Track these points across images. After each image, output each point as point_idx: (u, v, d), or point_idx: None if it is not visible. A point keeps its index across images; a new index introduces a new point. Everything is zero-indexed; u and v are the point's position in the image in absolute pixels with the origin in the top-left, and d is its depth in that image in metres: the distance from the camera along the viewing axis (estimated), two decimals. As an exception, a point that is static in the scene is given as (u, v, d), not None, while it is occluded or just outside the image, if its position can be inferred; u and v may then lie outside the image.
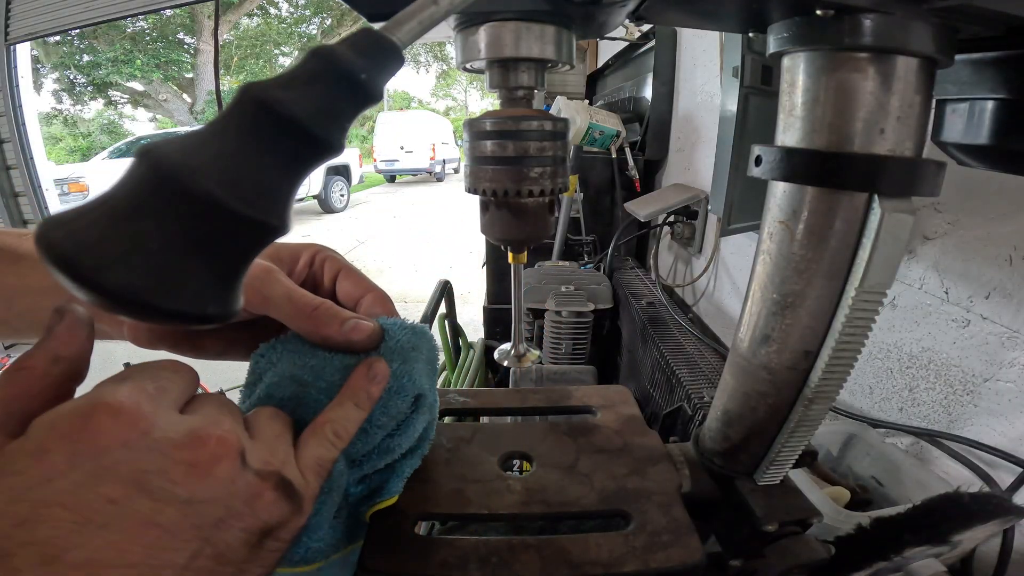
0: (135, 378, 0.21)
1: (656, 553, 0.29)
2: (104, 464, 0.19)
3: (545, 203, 0.32)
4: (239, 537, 0.21)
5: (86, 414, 0.19)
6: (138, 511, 0.19)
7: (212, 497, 0.20)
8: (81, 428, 0.19)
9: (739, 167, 0.85)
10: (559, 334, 1.13)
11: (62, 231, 0.15)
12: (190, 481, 0.20)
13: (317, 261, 0.33)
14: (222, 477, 0.21)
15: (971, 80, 0.30)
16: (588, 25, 0.30)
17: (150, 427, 0.20)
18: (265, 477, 0.22)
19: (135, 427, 0.19)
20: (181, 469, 0.20)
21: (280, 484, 0.22)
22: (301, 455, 0.25)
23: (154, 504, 0.19)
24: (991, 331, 0.56)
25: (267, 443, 0.23)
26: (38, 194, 3.51)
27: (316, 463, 0.25)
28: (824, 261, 0.26)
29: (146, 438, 0.19)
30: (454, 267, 4.46)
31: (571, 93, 2.58)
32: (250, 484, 0.21)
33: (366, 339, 0.29)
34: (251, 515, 0.21)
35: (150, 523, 0.19)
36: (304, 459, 0.25)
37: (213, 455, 0.21)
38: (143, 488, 0.19)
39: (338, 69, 0.17)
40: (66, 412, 0.19)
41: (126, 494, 0.19)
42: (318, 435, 0.26)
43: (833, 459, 0.64)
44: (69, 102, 12.18)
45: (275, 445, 0.24)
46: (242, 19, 12.53)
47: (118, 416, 0.19)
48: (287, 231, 0.18)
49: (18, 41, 3.29)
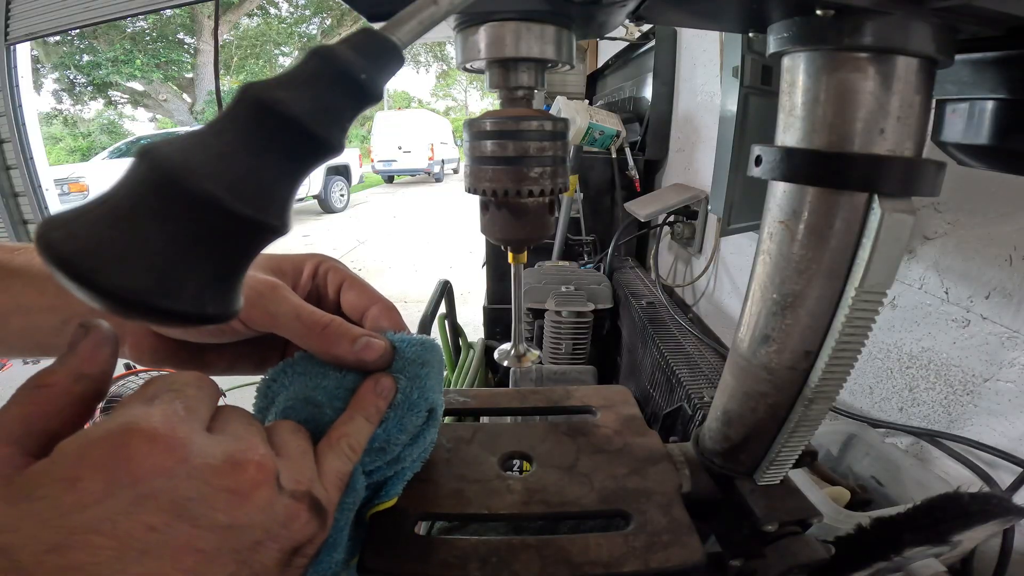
0: (163, 398, 0.21)
1: (656, 553, 0.29)
2: (143, 492, 0.18)
3: (545, 203, 0.32)
4: (274, 557, 0.21)
5: (120, 443, 0.19)
6: (178, 537, 0.18)
7: (252, 522, 0.20)
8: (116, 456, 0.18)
9: (739, 167, 0.85)
10: (559, 334, 1.13)
11: (62, 231, 0.15)
12: (231, 508, 0.20)
13: (320, 272, 0.32)
14: (261, 503, 0.20)
15: (971, 80, 0.30)
16: (588, 25, 0.30)
17: (188, 454, 0.19)
18: (299, 498, 0.22)
19: (173, 454, 0.19)
20: (222, 497, 0.19)
21: (313, 504, 0.23)
22: (322, 470, 0.25)
23: (194, 530, 0.19)
24: (991, 331, 0.56)
25: (295, 461, 0.23)
26: (38, 194, 3.51)
27: (336, 477, 0.25)
28: (824, 261, 0.26)
29: (185, 465, 0.19)
30: (454, 267, 4.46)
31: (571, 93, 2.58)
32: (287, 507, 0.21)
33: (378, 358, 0.28)
34: (287, 536, 0.22)
35: (190, 548, 0.19)
36: (325, 474, 0.25)
37: (253, 481, 0.20)
38: (183, 515, 0.19)
39: (338, 69, 0.17)
40: (97, 439, 0.19)
41: (166, 521, 0.18)
42: (335, 449, 0.26)
43: (833, 459, 0.64)
44: (69, 102, 12.20)
45: (302, 463, 0.24)
46: (242, 19, 12.53)
47: (154, 443, 0.19)
48: (287, 231, 0.18)
49: (18, 41, 3.29)
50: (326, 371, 0.28)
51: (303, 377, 0.28)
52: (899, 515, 0.33)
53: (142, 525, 0.18)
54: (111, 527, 0.17)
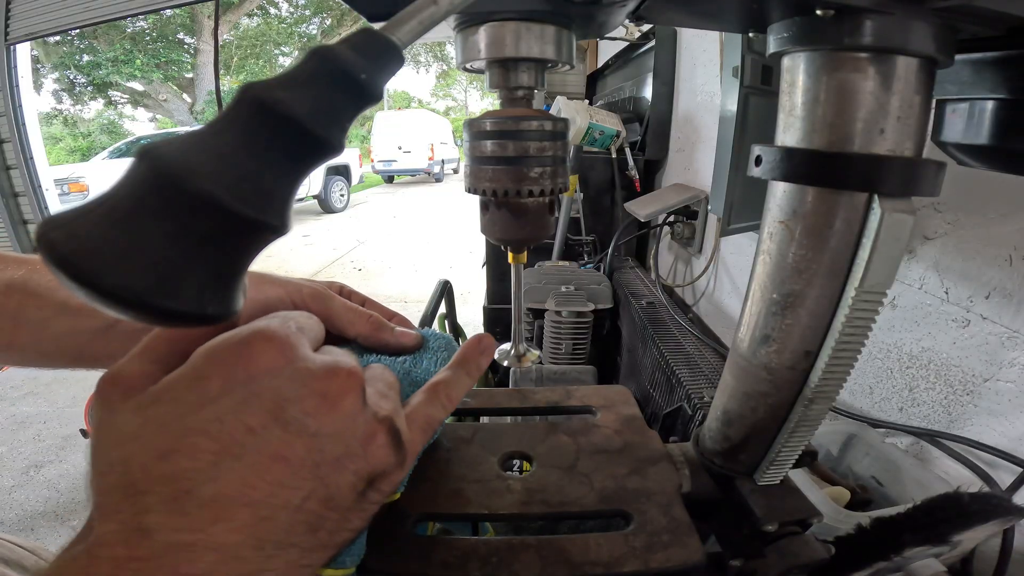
0: (281, 317, 0.24)
1: (656, 553, 0.29)
2: (252, 390, 0.20)
3: (545, 203, 0.32)
4: (349, 481, 0.22)
5: (246, 340, 0.21)
6: (270, 442, 0.20)
7: (336, 431, 0.21)
8: (239, 354, 0.20)
9: (739, 167, 0.85)
10: (559, 334, 1.13)
11: (62, 231, 0.15)
12: (320, 412, 0.21)
13: (344, 293, 0.36)
14: (347, 411, 0.22)
15: (971, 80, 0.30)
16: (588, 25, 0.30)
17: (295, 356, 0.21)
18: (381, 420, 0.23)
19: (283, 355, 0.21)
20: (315, 400, 0.21)
21: (391, 430, 0.24)
22: (414, 410, 0.26)
23: (285, 435, 0.20)
24: (991, 331, 0.56)
25: (380, 391, 0.25)
26: (38, 194, 3.51)
27: (426, 420, 0.27)
28: (824, 261, 0.26)
29: (291, 366, 0.21)
30: (454, 267, 4.46)
31: (571, 93, 2.58)
32: (368, 423, 0.23)
33: (413, 342, 0.33)
34: (363, 457, 0.22)
35: (278, 457, 0.20)
36: (416, 415, 0.26)
37: (343, 387, 0.22)
38: (279, 418, 0.20)
39: (338, 69, 0.17)
40: (226, 339, 0.21)
41: (264, 423, 0.20)
42: (431, 395, 0.28)
43: (833, 459, 0.64)
44: (69, 102, 12.20)
45: (387, 393, 0.25)
46: (242, 19, 12.53)
47: (271, 343, 0.21)
48: (287, 231, 0.18)
49: (18, 41, 3.29)
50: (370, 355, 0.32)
51: None
52: (899, 515, 0.33)
53: (243, 426, 0.19)
54: (218, 428, 0.19)
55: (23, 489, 1.88)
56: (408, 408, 0.26)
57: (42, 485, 1.90)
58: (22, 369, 2.69)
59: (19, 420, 2.30)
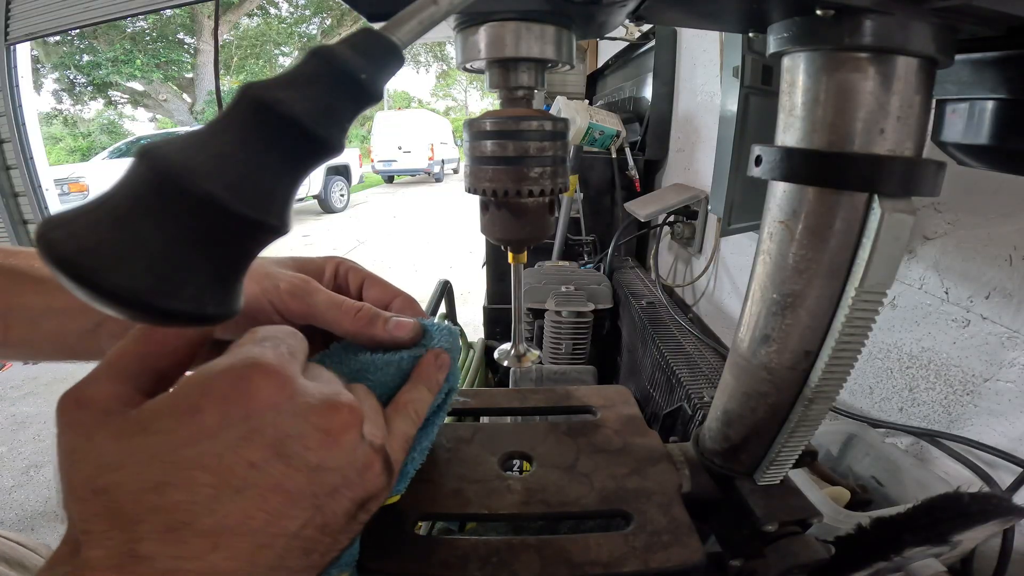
0: (271, 342, 0.22)
1: (656, 553, 0.29)
2: (253, 427, 0.19)
3: (545, 203, 0.32)
4: (345, 506, 0.22)
5: (243, 375, 0.20)
6: (272, 476, 0.19)
7: (336, 465, 0.21)
8: (237, 388, 0.19)
9: (739, 167, 0.85)
10: (559, 334, 1.13)
11: (62, 231, 0.15)
12: (322, 447, 0.21)
13: (341, 272, 0.34)
14: (348, 446, 0.22)
15: (971, 80, 0.30)
16: (588, 25, 0.30)
17: (295, 391, 0.21)
18: (376, 450, 0.23)
19: (284, 390, 0.20)
20: (317, 435, 0.20)
21: (386, 457, 0.24)
22: (395, 431, 0.26)
23: (287, 469, 0.20)
24: (991, 331, 0.56)
25: (371, 417, 0.24)
26: (38, 194, 3.51)
27: (403, 439, 0.27)
28: (824, 261, 0.26)
29: (291, 402, 0.20)
30: (454, 267, 4.45)
31: (571, 93, 2.58)
32: (366, 455, 0.22)
33: (409, 335, 0.31)
34: (360, 485, 0.22)
35: (279, 488, 0.19)
36: (394, 435, 0.26)
37: (344, 423, 0.21)
38: (281, 452, 0.20)
39: (338, 69, 0.17)
40: (220, 371, 0.20)
41: (265, 458, 0.19)
42: (402, 413, 0.27)
43: (833, 459, 0.64)
44: (69, 102, 12.19)
45: (377, 420, 0.25)
46: (242, 19, 12.53)
47: (270, 378, 0.20)
48: (287, 231, 0.18)
49: (18, 41, 3.28)
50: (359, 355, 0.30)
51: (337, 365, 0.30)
52: (899, 515, 0.33)
53: (244, 461, 0.19)
54: (217, 462, 0.18)
55: (23, 489, 1.88)
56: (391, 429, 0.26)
57: (42, 485, 1.90)
58: (22, 369, 2.69)
59: (19, 420, 2.30)
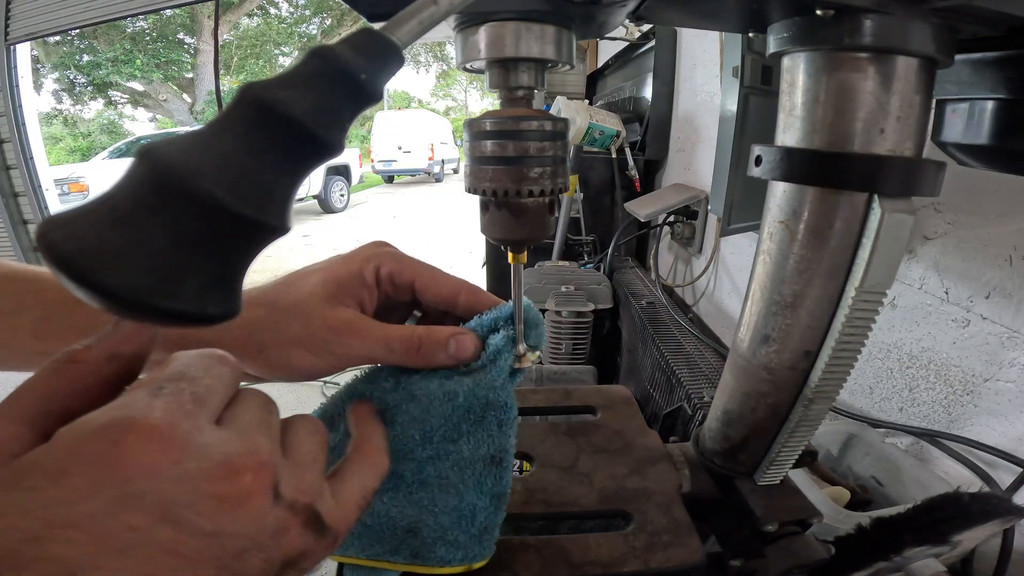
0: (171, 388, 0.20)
1: (656, 553, 0.29)
2: (128, 492, 0.17)
3: (545, 203, 0.32)
4: (258, 567, 0.20)
5: (115, 439, 0.18)
6: (159, 540, 0.18)
7: (237, 531, 0.19)
8: (107, 454, 0.17)
9: (739, 167, 0.85)
10: (559, 334, 1.13)
11: (62, 231, 0.15)
12: (217, 515, 0.18)
13: (384, 277, 0.31)
14: (252, 513, 0.19)
15: (971, 80, 0.30)
16: (588, 25, 0.30)
17: (183, 456, 0.18)
18: (296, 511, 0.21)
19: (167, 455, 0.18)
20: (211, 504, 0.18)
21: (311, 518, 0.21)
22: (344, 484, 0.24)
23: (177, 535, 0.18)
24: (991, 331, 0.56)
25: (302, 468, 0.22)
26: (38, 194, 3.51)
27: (359, 493, 0.24)
28: (824, 261, 0.26)
29: (177, 468, 0.18)
30: (454, 267, 4.46)
31: (571, 93, 2.58)
32: (279, 519, 0.20)
33: (473, 353, 0.30)
34: (275, 548, 0.20)
35: (170, 551, 0.18)
36: (346, 489, 0.24)
37: (246, 491, 0.19)
38: (167, 518, 0.18)
39: (338, 69, 0.17)
40: (92, 432, 0.18)
41: (149, 523, 0.17)
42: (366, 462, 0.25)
43: (833, 459, 0.64)
44: (69, 102, 12.19)
45: (311, 471, 0.22)
46: (242, 19, 12.53)
47: (150, 442, 0.18)
48: (287, 231, 0.18)
49: (18, 41, 3.28)
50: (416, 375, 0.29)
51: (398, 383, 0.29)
52: (899, 515, 0.33)
53: (123, 525, 0.17)
54: (91, 524, 0.17)
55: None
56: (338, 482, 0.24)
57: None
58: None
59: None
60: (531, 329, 0.31)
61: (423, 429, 0.28)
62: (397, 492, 0.28)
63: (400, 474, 0.28)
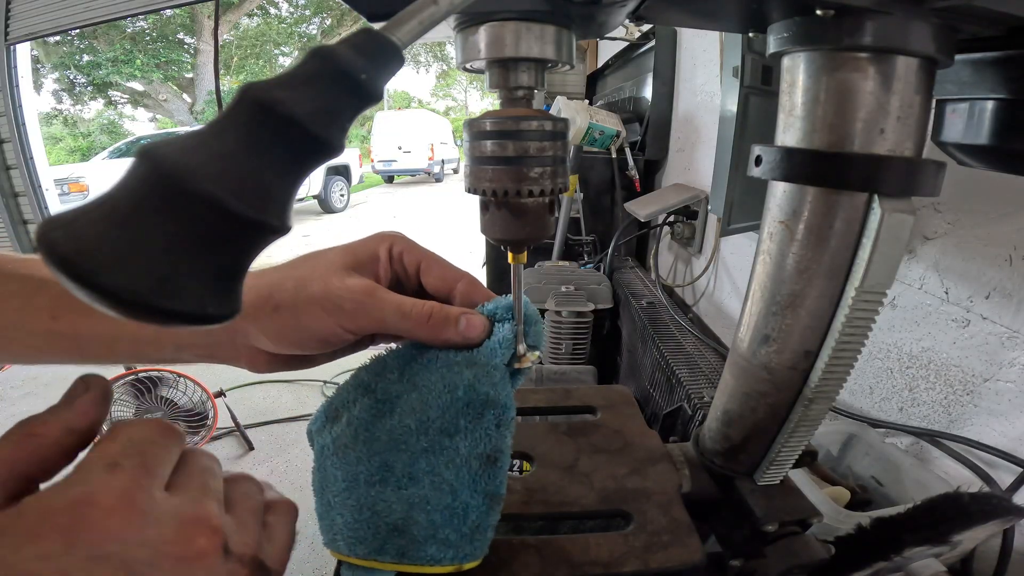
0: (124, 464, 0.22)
1: (656, 553, 0.29)
2: (98, 554, 0.20)
3: (545, 203, 0.32)
4: None
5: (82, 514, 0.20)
6: None
7: None
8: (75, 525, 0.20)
9: (739, 167, 0.85)
10: (559, 334, 1.13)
11: (62, 232, 0.15)
12: (177, 573, 0.21)
13: (396, 255, 0.33)
14: (207, 569, 0.22)
15: (971, 80, 0.30)
16: (588, 25, 0.30)
17: (143, 524, 0.21)
18: (244, 563, 0.23)
19: (130, 524, 0.20)
20: (171, 563, 0.21)
21: (256, 567, 0.24)
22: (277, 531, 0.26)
23: None
24: (991, 331, 0.56)
25: (244, 522, 0.25)
26: (38, 194, 3.50)
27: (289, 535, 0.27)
28: (824, 261, 0.26)
29: (141, 534, 0.20)
30: (454, 267, 4.45)
31: (571, 93, 2.58)
32: (231, 571, 0.23)
33: (481, 334, 0.31)
34: None
35: None
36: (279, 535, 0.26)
37: (201, 551, 0.22)
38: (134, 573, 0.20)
39: (338, 69, 0.17)
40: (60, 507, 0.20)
41: None
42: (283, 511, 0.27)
43: (833, 459, 0.64)
44: (69, 102, 12.19)
45: (251, 524, 0.25)
46: (242, 19, 12.53)
47: (112, 516, 0.20)
48: (287, 231, 0.18)
49: (18, 41, 3.28)
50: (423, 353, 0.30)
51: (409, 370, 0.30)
52: (899, 515, 0.33)
53: None
54: None
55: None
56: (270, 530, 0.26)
57: (42, 485, 1.90)
58: (22, 369, 2.69)
59: (19, 420, 2.30)
60: (529, 326, 0.31)
61: (420, 419, 0.28)
62: (385, 485, 0.28)
63: (390, 466, 0.28)
